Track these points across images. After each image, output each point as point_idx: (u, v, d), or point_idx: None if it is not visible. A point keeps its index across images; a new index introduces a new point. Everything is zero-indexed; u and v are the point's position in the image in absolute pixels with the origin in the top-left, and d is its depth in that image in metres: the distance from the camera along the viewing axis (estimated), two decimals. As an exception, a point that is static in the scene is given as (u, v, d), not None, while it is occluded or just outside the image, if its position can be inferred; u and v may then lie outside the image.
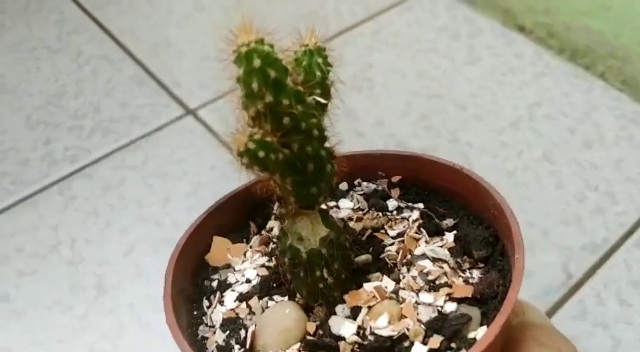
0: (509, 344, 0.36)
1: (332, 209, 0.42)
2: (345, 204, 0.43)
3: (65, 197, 0.80)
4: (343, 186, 0.44)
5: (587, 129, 0.84)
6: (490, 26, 0.99)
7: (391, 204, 0.43)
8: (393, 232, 0.40)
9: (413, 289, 0.36)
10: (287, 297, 0.38)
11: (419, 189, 0.43)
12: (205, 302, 0.40)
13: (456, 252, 0.38)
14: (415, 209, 0.42)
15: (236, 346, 0.37)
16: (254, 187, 0.37)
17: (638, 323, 0.66)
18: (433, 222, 0.41)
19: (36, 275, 0.73)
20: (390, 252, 0.39)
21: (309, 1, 1.03)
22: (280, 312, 0.37)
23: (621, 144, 0.83)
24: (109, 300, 0.71)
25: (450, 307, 0.35)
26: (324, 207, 0.37)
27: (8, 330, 0.69)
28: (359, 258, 0.38)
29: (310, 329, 0.36)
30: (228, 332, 0.38)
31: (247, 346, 0.36)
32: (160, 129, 0.86)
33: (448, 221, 0.41)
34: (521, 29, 0.98)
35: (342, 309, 0.36)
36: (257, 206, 0.43)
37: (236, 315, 0.38)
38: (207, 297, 0.40)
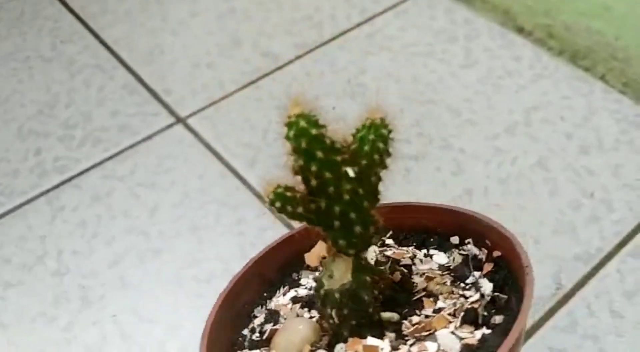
0: None
1: (426, 258, 0.46)
2: (439, 258, 0.46)
3: (54, 208, 0.79)
4: (454, 240, 0.47)
5: (586, 134, 0.82)
6: (488, 28, 0.97)
7: (471, 278, 0.44)
8: (441, 304, 0.42)
9: None
10: (319, 317, 0.43)
11: (509, 273, 0.43)
12: (281, 290, 0.47)
13: (466, 351, 0.38)
14: (481, 293, 0.42)
15: (258, 333, 0.43)
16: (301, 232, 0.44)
17: (630, 336, 0.64)
18: (480, 312, 0.40)
19: (22, 286, 0.73)
20: (411, 322, 0.40)
21: (304, 6, 1.02)
22: (295, 325, 0.42)
23: (621, 148, 0.80)
24: (93, 312, 0.70)
25: None
26: (360, 258, 0.40)
27: (-9, 343, 0.69)
28: (385, 314, 0.41)
29: (306, 351, 0.40)
30: (265, 320, 0.44)
31: (264, 337, 0.43)
32: (150, 137, 0.86)
33: (498, 318, 0.40)
34: (520, 31, 0.96)
35: (340, 348, 0.39)
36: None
37: (279, 310, 0.44)
38: (283, 287, 0.47)
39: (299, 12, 1.01)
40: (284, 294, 0.46)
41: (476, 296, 0.41)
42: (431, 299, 0.42)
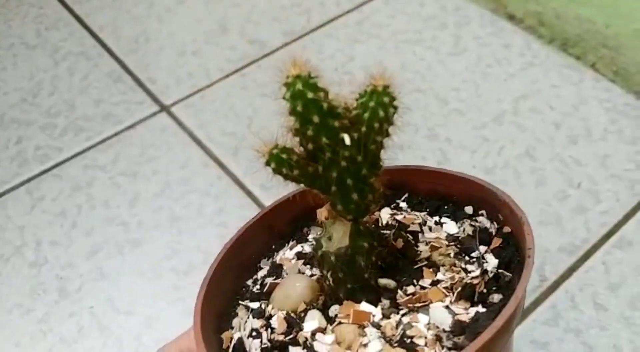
0: None
1: (434, 226, 0.45)
2: (448, 227, 0.45)
3: (34, 198, 0.78)
4: (468, 209, 0.46)
5: (574, 123, 0.80)
6: (479, 15, 0.95)
7: (477, 252, 0.42)
8: (440, 276, 0.41)
9: (384, 333, 0.37)
10: (319, 275, 0.42)
11: (517, 251, 0.42)
12: (288, 244, 0.46)
13: (457, 327, 0.37)
14: (484, 268, 0.41)
15: (259, 286, 0.43)
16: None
17: (613, 329, 0.63)
18: (478, 289, 0.40)
19: (-1, 277, 0.72)
20: (405, 291, 0.40)
21: (292, -8, 1.00)
22: (293, 282, 0.41)
23: (609, 138, 0.79)
24: (70, 303, 0.69)
25: None
26: (359, 223, 0.40)
27: (-32, 334, 0.68)
28: (382, 280, 0.40)
29: (300, 308, 0.39)
30: (267, 273, 0.44)
31: (264, 290, 0.43)
32: (133, 126, 0.84)
33: (497, 296, 0.39)
34: (511, 18, 0.95)
35: (334, 310, 0.39)
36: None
37: (283, 264, 0.44)
38: (292, 241, 0.46)
39: (287, -2, 1.00)
40: (291, 248, 0.45)
41: (477, 272, 0.40)
42: (431, 270, 0.41)
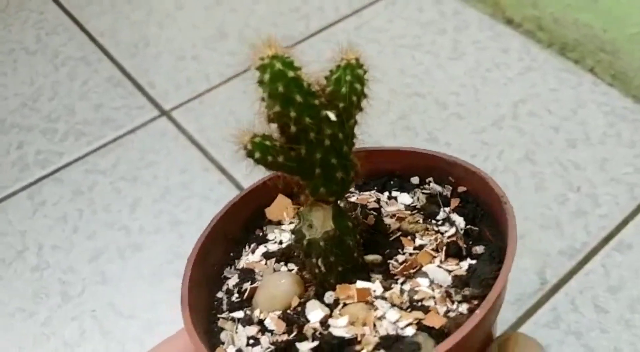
0: None
1: (390, 200, 0.44)
2: (403, 199, 0.44)
3: (35, 202, 0.79)
4: (414, 180, 0.46)
5: (573, 127, 0.81)
6: (478, 19, 0.96)
7: (442, 213, 0.43)
8: (419, 241, 0.41)
9: (393, 302, 0.37)
10: (297, 269, 0.41)
11: (477, 206, 0.43)
12: (247, 248, 0.44)
13: (459, 282, 0.38)
14: (456, 227, 0.41)
15: (236, 294, 0.41)
16: (269, 181, 0.40)
17: (614, 331, 0.64)
18: (461, 244, 0.40)
19: (1, 282, 0.72)
20: (397, 260, 0.39)
21: (291, -3, 1.01)
22: (276, 280, 0.40)
23: (608, 142, 0.79)
24: (72, 307, 0.70)
25: (409, 331, 0.35)
26: (339, 204, 0.39)
27: (-31, 339, 0.68)
28: (368, 257, 0.40)
29: (294, 303, 0.38)
30: (240, 280, 0.42)
31: (245, 297, 0.41)
32: (133, 131, 0.85)
33: (479, 248, 0.40)
34: (510, 22, 0.95)
35: (329, 296, 0.38)
36: (300, 185, 0.44)
37: (253, 268, 0.42)
38: (249, 245, 0.44)
39: (286, 4, 1.00)
40: (253, 252, 0.44)
41: (452, 231, 0.41)
42: (409, 238, 0.41)
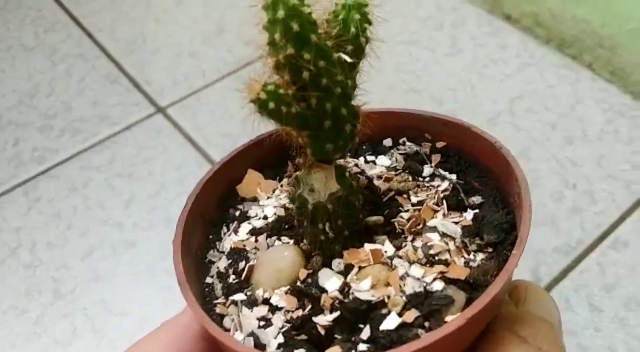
0: (486, 336, 0.33)
1: (368, 164, 0.43)
2: (382, 161, 0.43)
3: (30, 199, 0.79)
4: (387, 142, 0.44)
5: (570, 124, 0.80)
6: (476, 15, 0.95)
7: (426, 170, 0.41)
8: (416, 198, 0.39)
9: (410, 260, 0.35)
10: (293, 241, 0.39)
11: (460, 159, 0.41)
12: (224, 229, 0.42)
13: (469, 232, 0.37)
14: (447, 180, 0.40)
15: (232, 275, 0.38)
16: (271, 137, 0.37)
17: (608, 330, 0.63)
18: (459, 196, 0.39)
19: (-5, 279, 0.72)
20: (403, 218, 0.38)
21: None
22: (279, 252, 0.38)
23: (605, 138, 0.78)
24: (64, 305, 0.70)
25: (437, 285, 0.34)
26: (341, 163, 0.37)
27: (-38, 335, 0.68)
28: (370, 218, 0.38)
29: (302, 276, 0.36)
30: (231, 261, 0.39)
31: (242, 277, 0.37)
32: (129, 128, 0.85)
33: (476, 198, 0.39)
34: (508, 18, 0.94)
35: (338, 264, 0.36)
36: (299, 146, 0.41)
37: (243, 247, 0.40)
38: (227, 225, 0.42)
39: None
40: (236, 231, 0.42)
41: (444, 184, 0.40)
42: (404, 196, 0.39)
